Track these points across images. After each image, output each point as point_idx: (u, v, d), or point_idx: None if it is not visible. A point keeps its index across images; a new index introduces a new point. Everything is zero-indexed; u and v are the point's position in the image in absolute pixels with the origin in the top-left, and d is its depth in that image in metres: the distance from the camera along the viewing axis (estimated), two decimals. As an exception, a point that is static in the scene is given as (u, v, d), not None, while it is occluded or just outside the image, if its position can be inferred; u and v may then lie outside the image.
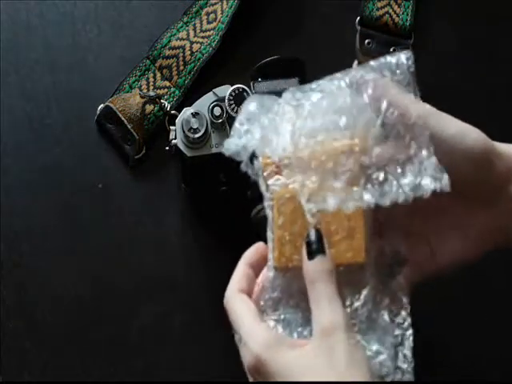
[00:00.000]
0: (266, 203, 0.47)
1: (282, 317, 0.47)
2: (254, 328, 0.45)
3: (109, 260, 0.66)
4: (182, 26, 0.70)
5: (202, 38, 0.69)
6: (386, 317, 0.47)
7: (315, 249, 0.45)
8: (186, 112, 0.60)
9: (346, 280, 0.47)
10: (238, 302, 0.47)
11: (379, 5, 0.70)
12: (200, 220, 0.68)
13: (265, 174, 0.48)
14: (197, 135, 0.60)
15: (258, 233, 0.60)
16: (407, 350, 0.46)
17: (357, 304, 0.47)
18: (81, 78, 0.69)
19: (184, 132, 0.60)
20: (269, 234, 0.47)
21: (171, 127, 0.63)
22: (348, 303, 0.47)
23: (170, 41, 0.69)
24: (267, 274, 0.47)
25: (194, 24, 0.70)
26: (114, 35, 0.70)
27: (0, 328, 0.64)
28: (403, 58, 0.46)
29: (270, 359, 0.43)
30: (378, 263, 0.48)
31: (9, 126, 0.68)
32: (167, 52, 0.69)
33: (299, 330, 0.46)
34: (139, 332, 0.65)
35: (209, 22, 0.69)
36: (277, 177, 0.47)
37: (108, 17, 0.70)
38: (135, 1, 0.71)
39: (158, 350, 0.65)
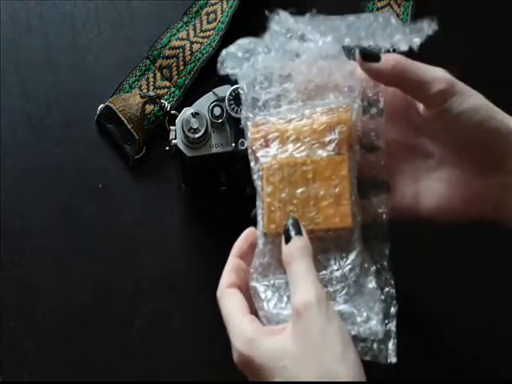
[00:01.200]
0: (255, 175, 0.50)
1: (272, 282, 0.48)
2: (236, 326, 0.46)
3: (109, 260, 0.66)
4: (182, 26, 0.70)
5: (202, 38, 0.69)
6: (373, 283, 0.48)
7: (292, 234, 0.47)
8: (186, 112, 0.60)
9: (335, 245, 0.48)
10: (226, 298, 0.48)
11: (379, 5, 0.70)
12: (200, 220, 0.68)
13: (254, 147, 0.50)
14: (197, 135, 0.60)
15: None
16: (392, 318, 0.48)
17: (346, 269, 0.48)
18: (81, 78, 0.69)
19: (184, 132, 0.60)
20: (258, 204, 0.50)
21: (171, 127, 0.63)
22: (336, 267, 0.48)
23: (170, 41, 0.69)
24: (258, 242, 0.49)
25: (194, 24, 0.70)
26: (113, 35, 0.70)
27: (0, 328, 0.64)
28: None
29: (252, 354, 0.45)
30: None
31: (9, 126, 0.68)
32: (167, 52, 0.69)
33: (289, 294, 0.47)
34: (139, 332, 0.65)
35: (209, 22, 0.69)
36: (266, 149, 0.50)
37: (108, 17, 0.70)
38: (135, 1, 0.71)
39: (158, 350, 0.65)
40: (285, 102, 0.50)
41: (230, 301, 0.48)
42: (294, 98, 0.50)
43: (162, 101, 0.68)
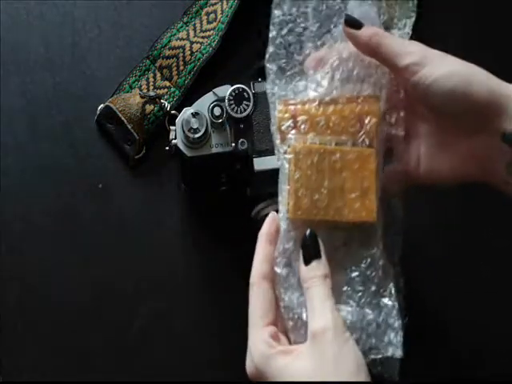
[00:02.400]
0: (281, 155, 0.49)
1: (295, 269, 0.48)
2: (255, 335, 0.48)
3: (109, 260, 0.66)
4: (182, 26, 0.70)
5: (202, 38, 0.69)
6: (392, 298, 0.48)
7: (311, 254, 0.47)
8: (186, 112, 0.60)
9: (358, 238, 0.49)
10: (257, 292, 0.49)
11: (379, 5, 0.70)
12: (200, 220, 0.68)
13: (283, 127, 0.49)
14: (197, 135, 0.60)
15: (258, 232, 0.61)
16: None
17: (363, 266, 0.48)
18: (81, 78, 0.69)
19: (184, 132, 0.60)
20: (283, 187, 0.49)
21: (171, 127, 0.63)
22: (363, 264, 0.48)
23: (170, 41, 0.69)
24: (281, 225, 0.49)
25: (194, 24, 0.70)
26: (113, 35, 0.70)
27: (0, 328, 0.64)
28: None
29: (265, 369, 0.46)
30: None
31: (9, 126, 0.68)
32: (167, 52, 0.69)
33: None
34: (139, 332, 0.65)
35: (209, 22, 0.69)
36: (295, 131, 0.49)
37: (108, 17, 0.70)
38: (135, 1, 0.71)
39: (158, 350, 0.65)
40: (312, 81, 0.50)
41: (259, 297, 0.49)
42: (322, 77, 0.50)
43: (162, 101, 0.68)
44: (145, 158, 0.68)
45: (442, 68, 0.47)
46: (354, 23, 0.49)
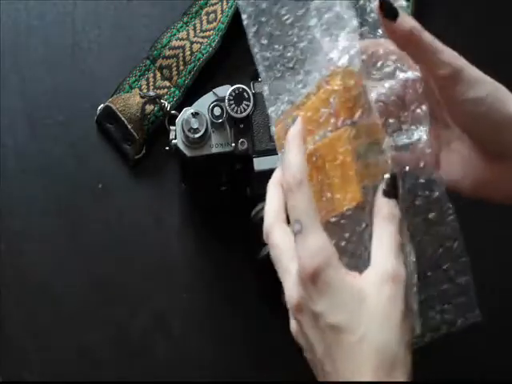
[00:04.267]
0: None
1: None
2: (318, 231, 0.43)
3: (109, 260, 0.66)
4: (182, 26, 0.70)
5: (202, 38, 0.69)
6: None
7: (392, 191, 0.44)
8: (186, 112, 0.60)
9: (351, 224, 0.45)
10: (308, 194, 0.44)
11: (379, 5, 0.69)
12: (200, 220, 0.68)
13: (282, 150, 0.47)
14: (197, 135, 0.60)
15: (258, 232, 0.61)
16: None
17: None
18: (81, 78, 0.69)
19: (184, 132, 0.60)
20: None
21: (171, 127, 0.63)
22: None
23: (170, 41, 0.69)
24: None
25: (194, 24, 0.70)
26: (114, 35, 0.70)
27: (0, 328, 0.64)
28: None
29: (329, 270, 0.42)
30: None
31: (9, 126, 0.68)
32: (167, 52, 0.69)
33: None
34: (139, 332, 0.65)
35: (209, 22, 0.69)
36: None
37: (108, 17, 0.70)
38: (135, 1, 0.71)
39: (158, 350, 0.65)
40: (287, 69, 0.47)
41: (310, 199, 0.44)
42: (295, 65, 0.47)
43: (162, 101, 0.68)
44: (145, 158, 0.68)
45: (476, 90, 0.45)
46: (390, 10, 0.45)
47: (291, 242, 0.44)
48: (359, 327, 0.41)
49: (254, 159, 0.60)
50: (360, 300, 0.41)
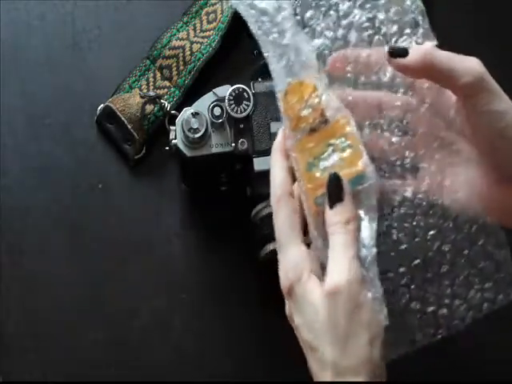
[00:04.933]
0: None
1: None
2: (293, 250, 0.46)
3: (109, 260, 0.66)
4: (182, 26, 0.70)
5: (202, 37, 0.69)
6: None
7: (334, 197, 0.45)
8: (186, 112, 0.60)
9: None
10: (283, 210, 0.47)
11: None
12: (200, 220, 0.68)
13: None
14: (197, 135, 0.60)
15: (258, 232, 0.61)
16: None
17: None
18: (81, 78, 0.69)
19: (184, 132, 0.60)
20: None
21: (171, 127, 0.63)
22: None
23: (170, 41, 0.69)
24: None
25: (194, 24, 0.70)
26: (113, 35, 0.70)
27: (0, 328, 0.64)
28: None
29: (298, 288, 0.45)
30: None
31: (9, 126, 0.68)
32: (167, 52, 0.69)
33: None
34: (139, 332, 0.65)
35: (209, 22, 0.69)
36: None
37: (108, 17, 0.70)
38: (135, 1, 0.71)
39: (157, 350, 0.65)
40: None
41: (288, 217, 0.47)
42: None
43: (162, 101, 0.68)
44: (145, 158, 0.68)
45: (498, 103, 0.45)
46: (399, 52, 0.46)
47: (296, 216, 0.46)
48: (319, 346, 0.44)
49: (254, 159, 0.60)
50: (317, 317, 0.44)
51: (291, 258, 0.46)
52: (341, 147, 0.46)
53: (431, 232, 0.49)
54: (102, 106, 0.68)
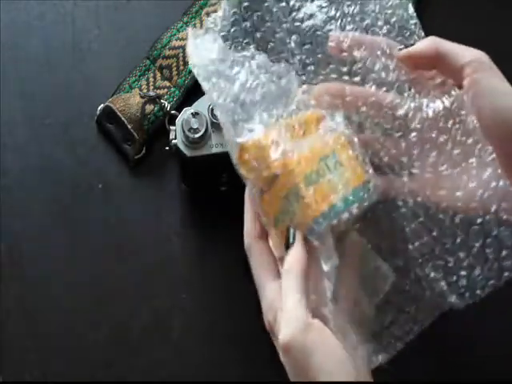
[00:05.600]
0: None
1: None
2: (267, 291, 0.47)
3: (109, 260, 0.66)
4: (181, 26, 0.70)
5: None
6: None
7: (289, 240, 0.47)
8: (186, 112, 0.60)
9: None
10: (256, 254, 0.49)
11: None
12: (200, 220, 0.68)
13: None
14: (197, 135, 0.60)
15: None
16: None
17: None
18: (81, 78, 0.69)
19: (184, 132, 0.60)
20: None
21: (171, 127, 0.63)
22: None
23: (170, 41, 0.69)
24: None
25: (194, 24, 0.70)
26: (114, 35, 0.70)
27: (0, 328, 0.64)
28: None
29: (274, 328, 0.47)
30: None
31: (9, 126, 0.68)
32: (167, 52, 0.69)
33: None
34: (139, 332, 0.65)
35: (209, 22, 0.69)
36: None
37: (108, 17, 0.70)
38: (135, 1, 0.71)
39: (158, 350, 0.65)
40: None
41: (261, 257, 0.49)
42: None
43: (162, 101, 0.68)
44: (145, 158, 0.68)
45: (502, 85, 0.46)
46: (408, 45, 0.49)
47: (269, 262, 0.49)
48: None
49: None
50: (287, 354, 0.45)
51: (268, 296, 0.47)
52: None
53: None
54: (102, 106, 0.68)
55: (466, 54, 0.47)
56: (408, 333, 0.50)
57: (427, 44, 0.48)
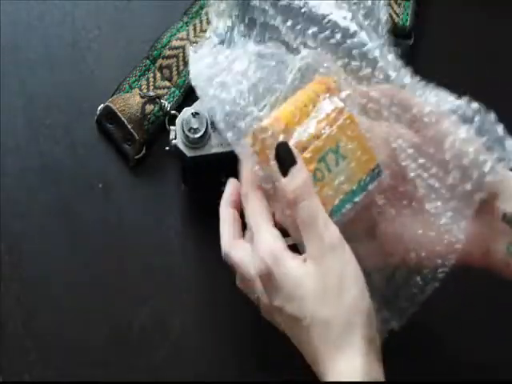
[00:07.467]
0: None
1: None
2: (263, 234, 0.48)
3: (109, 260, 0.66)
4: (182, 26, 0.70)
5: (202, 37, 0.69)
6: None
7: (286, 162, 0.48)
8: (186, 112, 0.60)
9: None
10: (252, 200, 0.50)
11: (379, 5, 0.69)
12: (200, 220, 0.68)
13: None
14: (197, 135, 0.60)
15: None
16: None
17: None
18: (81, 78, 0.69)
19: (184, 132, 0.60)
20: None
21: (171, 127, 0.63)
22: None
23: (169, 41, 0.69)
24: None
25: (194, 24, 0.70)
26: (114, 35, 0.70)
27: (0, 328, 0.64)
28: None
29: (274, 269, 0.47)
30: None
31: (9, 126, 0.68)
32: (167, 52, 0.69)
33: None
34: (139, 332, 0.65)
35: (209, 22, 0.69)
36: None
37: (108, 17, 0.70)
38: (135, 1, 0.71)
39: (157, 350, 0.65)
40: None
41: (258, 201, 0.50)
42: None
43: (162, 101, 0.68)
44: (145, 158, 0.68)
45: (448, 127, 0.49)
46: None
47: (264, 205, 0.50)
48: (306, 312, 0.45)
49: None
50: (300, 287, 0.46)
51: (266, 241, 0.47)
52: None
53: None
54: (102, 106, 0.68)
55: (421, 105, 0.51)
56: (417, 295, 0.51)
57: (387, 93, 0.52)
